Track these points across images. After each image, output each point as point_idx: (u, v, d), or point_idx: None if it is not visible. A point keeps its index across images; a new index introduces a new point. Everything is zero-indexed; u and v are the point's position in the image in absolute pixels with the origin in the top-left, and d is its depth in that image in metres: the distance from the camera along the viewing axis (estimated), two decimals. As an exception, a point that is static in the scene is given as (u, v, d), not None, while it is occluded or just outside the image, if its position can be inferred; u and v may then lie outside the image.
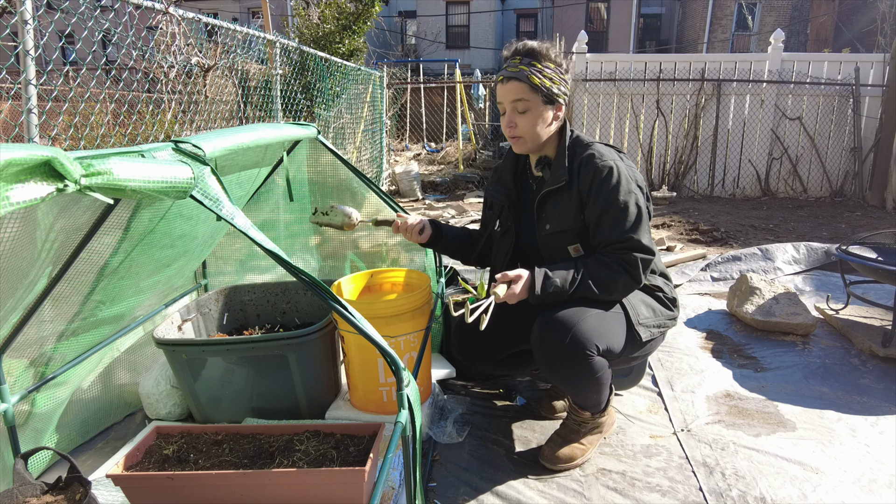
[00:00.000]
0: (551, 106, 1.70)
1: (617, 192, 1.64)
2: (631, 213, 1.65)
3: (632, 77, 7.24)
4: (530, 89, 1.66)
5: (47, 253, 1.15)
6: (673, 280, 1.99)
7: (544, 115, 1.70)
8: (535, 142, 1.74)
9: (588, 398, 1.77)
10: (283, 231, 2.57)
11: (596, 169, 1.66)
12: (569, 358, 1.62)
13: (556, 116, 1.72)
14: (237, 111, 4.53)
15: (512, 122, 1.71)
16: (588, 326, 1.62)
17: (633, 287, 1.69)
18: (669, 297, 1.86)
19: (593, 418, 1.82)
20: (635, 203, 1.66)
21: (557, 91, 1.68)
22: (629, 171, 1.72)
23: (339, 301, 1.14)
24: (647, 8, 20.29)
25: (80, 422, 1.93)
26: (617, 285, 1.66)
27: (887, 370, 2.44)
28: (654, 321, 1.79)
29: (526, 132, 1.71)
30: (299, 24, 7.79)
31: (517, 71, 1.66)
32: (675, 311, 1.88)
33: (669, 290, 1.86)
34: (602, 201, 1.65)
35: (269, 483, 1.39)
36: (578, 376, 1.66)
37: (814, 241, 4.34)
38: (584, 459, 1.81)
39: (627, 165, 1.75)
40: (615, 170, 1.66)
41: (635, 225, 1.65)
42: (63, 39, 2.43)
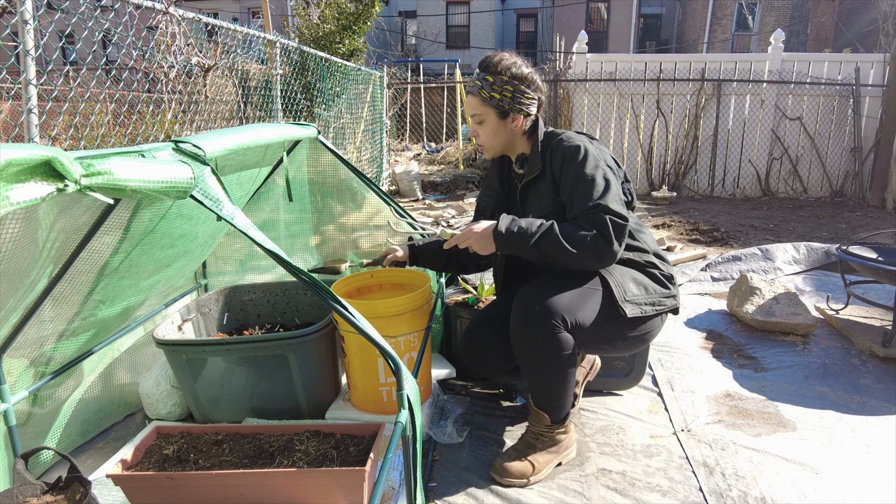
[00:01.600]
0: (506, 117, 1.75)
1: (584, 166, 1.66)
2: (598, 185, 1.63)
3: (632, 77, 7.24)
4: (482, 103, 1.75)
5: (48, 253, 1.15)
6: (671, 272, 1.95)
7: (501, 126, 1.77)
8: (497, 149, 1.83)
9: (549, 391, 1.71)
10: (283, 231, 2.57)
11: (564, 150, 1.71)
12: (534, 327, 1.59)
13: (518, 123, 1.77)
14: (237, 111, 4.53)
15: (474, 132, 1.82)
16: (559, 299, 1.60)
17: (605, 249, 1.56)
18: (665, 275, 1.81)
19: (551, 428, 1.74)
20: (603, 176, 1.64)
21: (510, 105, 1.73)
22: (598, 152, 1.72)
23: (339, 301, 1.14)
24: (648, 8, 20.29)
25: (81, 422, 1.93)
26: (586, 242, 1.56)
27: (887, 370, 2.44)
28: (646, 298, 1.74)
29: (485, 141, 1.82)
30: (299, 24, 7.79)
31: (472, 86, 1.77)
32: (673, 288, 1.81)
33: (665, 268, 1.82)
34: (571, 177, 1.67)
35: (269, 483, 1.39)
36: (541, 352, 1.61)
37: (814, 241, 4.34)
38: (535, 479, 1.71)
39: (597, 148, 1.76)
40: (582, 148, 1.69)
41: (604, 194, 1.61)
42: (63, 39, 2.43)
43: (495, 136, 1.79)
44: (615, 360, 2.25)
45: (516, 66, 1.74)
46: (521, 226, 1.60)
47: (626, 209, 1.65)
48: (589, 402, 2.17)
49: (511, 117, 1.76)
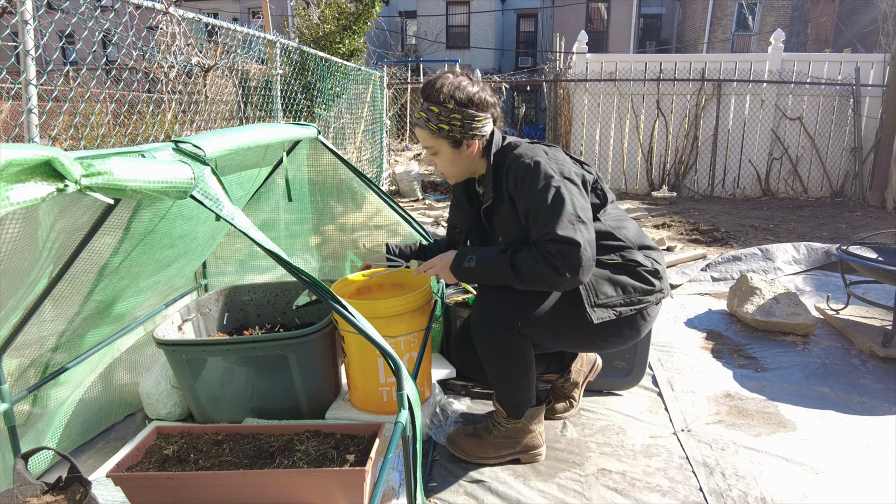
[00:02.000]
0: (460, 146, 1.68)
1: (536, 187, 1.58)
2: (549, 208, 1.55)
3: (632, 77, 7.24)
4: (432, 136, 1.66)
5: (48, 253, 1.16)
6: (667, 269, 1.89)
7: (457, 155, 1.70)
8: (459, 175, 1.77)
9: (500, 385, 1.77)
10: (284, 231, 2.57)
11: (516, 170, 1.62)
12: (481, 329, 1.68)
13: (474, 149, 1.69)
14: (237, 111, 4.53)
15: (431, 162, 1.75)
16: (510, 303, 1.64)
17: (557, 280, 1.53)
18: (650, 270, 1.72)
19: (508, 421, 1.78)
20: (555, 196, 1.55)
21: (462, 133, 1.64)
22: (552, 164, 1.61)
23: (339, 301, 1.15)
24: (648, 8, 20.29)
25: (81, 422, 1.93)
26: (536, 275, 1.54)
27: (887, 370, 2.44)
28: (623, 299, 1.67)
29: (444, 170, 1.75)
30: (299, 25, 7.79)
31: (419, 118, 1.68)
32: (659, 282, 1.73)
33: (650, 263, 1.73)
34: (524, 202, 1.60)
35: (269, 483, 1.39)
36: (487, 351, 1.70)
37: (814, 241, 4.34)
38: (482, 461, 1.78)
39: (552, 158, 1.64)
40: (532, 165, 1.59)
41: (554, 218, 1.53)
42: (63, 39, 2.43)
43: (453, 166, 1.73)
44: (615, 361, 2.25)
45: (460, 91, 1.62)
46: (478, 260, 1.62)
47: (582, 225, 1.55)
48: (589, 402, 2.17)
49: (465, 144, 1.67)
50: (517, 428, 1.79)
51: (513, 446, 1.79)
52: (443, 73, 1.65)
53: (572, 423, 2.04)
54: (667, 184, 7.41)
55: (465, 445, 1.82)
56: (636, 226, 1.81)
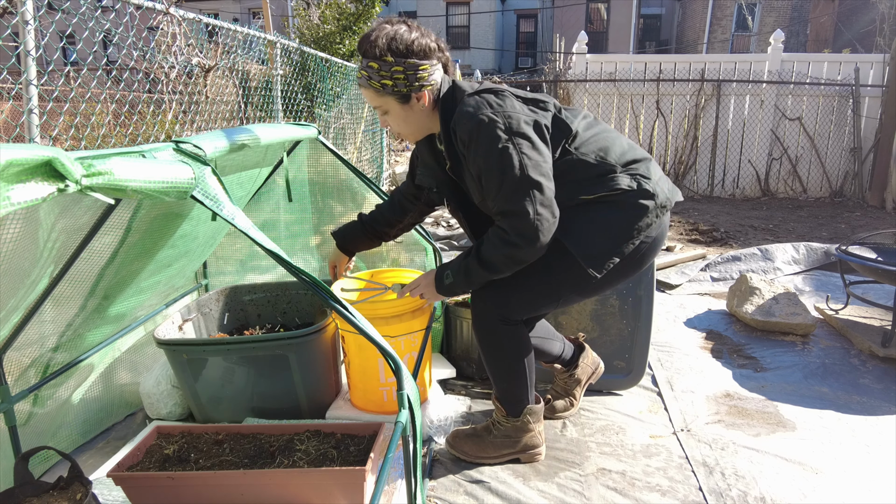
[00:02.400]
0: (409, 100, 1.54)
1: (481, 151, 1.47)
2: (496, 173, 1.45)
3: (632, 77, 7.24)
4: (377, 94, 1.54)
5: (49, 253, 1.16)
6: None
7: (407, 111, 1.57)
8: (416, 133, 1.65)
9: (499, 384, 1.77)
10: (284, 231, 2.57)
11: (461, 133, 1.50)
12: (481, 327, 1.70)
13: (424, 101, 1.55)
14: (238, 111, 4.53)
15: (384, 122, 1.63)
16: (506, 295, 1.63)
17: (521, 254, 1.47)
18: (638, 192, 1.56)
19: (507, 420, 1.78)
20: (501, 159, 1.44)
21: (407, 87, 1.50)
22: (497, 120, 1.46)
23: (339, 301, 1.15)
24: (647, 8, 20.30)
25: (82, 421, 1.93)
26: (501, 260, 1.50)
27: (887, 370, 2.44)
28: (619, 239, 1.56)
29: (399, 130, 1.63)
30: (300, 25, 7.79)
31: (360, 77, 1.54)
32: (651, 201, 1.57)
33: (637, 182, 1.57)
34: (474, 165, 1.51)
35: (269, 483, 1.39)
36: (487, 348, 1.71)
37: (813, 241, 4.35)
38: (481, 461, 1.79)
39: (499, 111, 1.48)
40: (476, 127, 1.46)
41: (502, 185, 1.45)
42: (64, 40, 2.43)
43: (406, 123, 1.59)
44: (615, 361, 2.26)
45: (398, 41, 1.47)
46: (453, 274, 1.60)
47: (535, 187, 1.43)
48: (589, 402, 2.17)
49: (414, 97, 1.53)
50: (516, 427, 1.79)
51: (512, 446, 1.79)
52: (378, 25, 1.51)
53: (572, 423, 2.04)
54: (667, 184, 7.42)
55: (465, 446, 1.82)
56: (614, 137, 1.65)
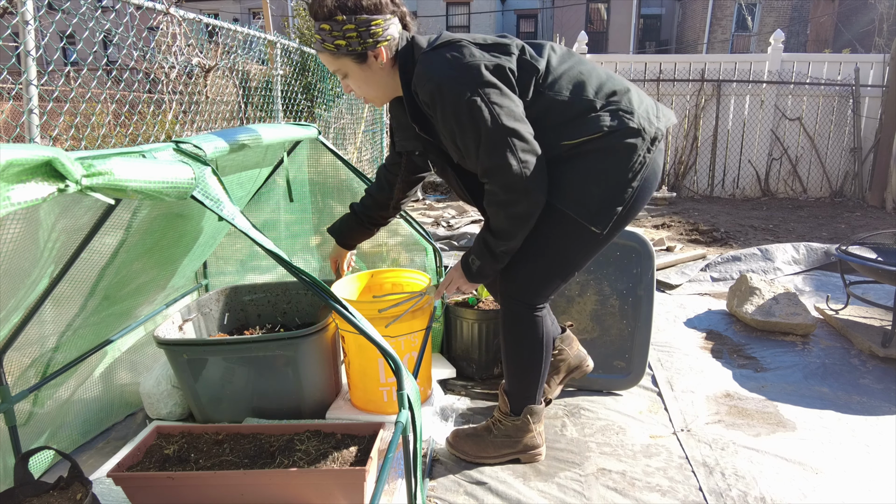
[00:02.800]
0: (366, 59, 1.48)
1: (448, 112, 1.41)
2: (469, 132, 1.40)
3: (632, 77, 7.24)
4: (333, 57, 1.48)
5: (49, 253, 1.16)
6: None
7: (366, 71, 1.50)
8: (382, 95, 1.59)
9: (511, 373, 1.75)
10: (284, 231, 2.57)
11: (423, 95, 1.44)
12: (509, 315, 1.69)
13: (379, 57, 1.49)
14: (238, 112, 4.53)
15: (347, 87, 1.57)
16: (512, 286, 1.64)
17: (521, 209, 1.43)
18: (622, 131, 1.47)
19: (508, 418, 1.78)
20: (470, 116, 1.38)
21: (361, 45, 1.44)
22: (458, 76, 1.40)
23: (339, 301, 1.15)
24: (647, 8, 20.30)
25: (82, 422, 1.93)
26: (506, 224, 1.46)
27: (887, 370, 2.44)
28: (615, 187, 1.50)
29: (363, 93, 1.57)
30: (300, 25, 7.79)
31: (316, 43, 1.49)
32: (638, 140, 1.48)
33: (618, 120, 1.48)
34: (444, 127, 1.46)
35: (269, 483, 1.39)
36: (512, 336, 1.71)
37: (813, 241, 4.35)
38: (482, 461, 1.79)
39: (456, 65, 1.41)
40: (437, 88, 1.41)
41: (478, 143, 1.40)
42: (64, 40, 2.43)
43: (369, 85, 1.53)
44: (615, 361, 2.26)
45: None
46: (476, 256, 1.59)
47: (512, 135, 1.39)
48: (589, 402, 2.18)
49: (371, 55, 1.47)
50: (517, 427, 1.78)
51: (512, 446, 1.79)
52: None
53: (572, 423, 2.04)
54: (666, 184, 7.41)
55: (465, 446, 1.82)
56: (590, 69, 1.56)
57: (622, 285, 2.22)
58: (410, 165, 1.81)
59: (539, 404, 1.81)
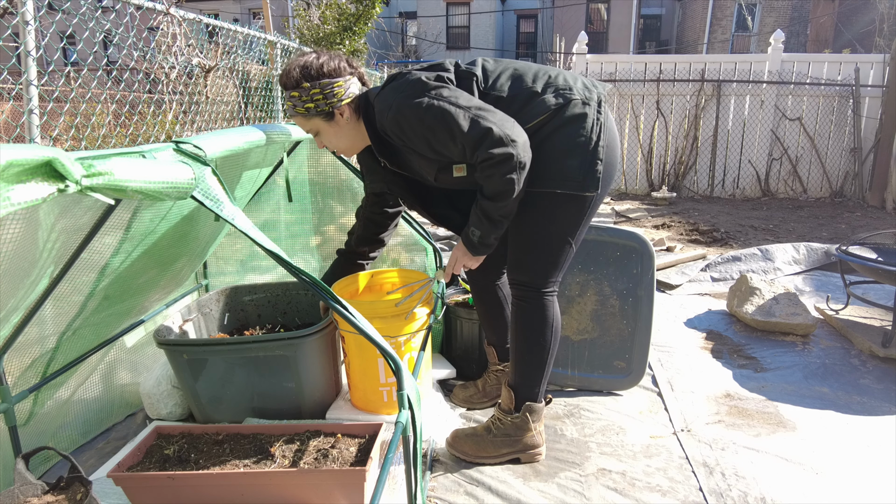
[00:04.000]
0: (333, 117, 1.65)
1: (419, 129, 1.54)
2: (444, 131, 1.50)
3: (632, 78, 7.24)
4: (305, 119, 1.66)
5: (49, 253, 1.16)
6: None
7: (335, 127, 1.67)
8: (353, 146, 1.75)
9: (518, 364, 1.79)
10: (284, 231, 2.58)
11: (392, 129, 1.58)
12: (516, 308, 1.77)
13: (346, 114, 1.66)
14: (238, 112, 4.53)
15: (321, 144, 1.74)
16: (520, 274, 1.73)
17: (509, 165, 1.50)
18: (568, 105, 1.59)
19: (507, 416, 1.80)
20: (438, 118, 1.50)
21: (328, 105, 1.62)
22: (410, 97, 1.54)
23: (339, 301, 1.15)
24: (647, 9, 20.30)
25: (82, 422, 1.93)
26: (499, 183, 1.52)
27: (887, 370, 2.44)
28: (585, 148, 1.59)
29: (336, 146, 1.73)
30: (300, 25, 7.80)
31: (287, 109, 1.69)
32: (584, 107, 1.60)
33: (563, 99, 1.60)
34: (422, 146, 1.57)
35: (269, 483, 1.39)
36: (518, 325, 1.76)
37: (814, 241, 4.35)
38: (482, 461, 1.80)
39: (402, 90, 1.56)
40: (399, 115, 1.54)
41: (456, 134, 1.50)
42: (64, 40, 2.43)
43: (339, 138, 1.70)
44: (615, 361, 2.26)
45: (307, 67, 1.60)
46: (474, 225, 1.64)
47: (478, 111, 1.49)
48: (589, 402, 2.18)
49: (337, 113, 1.65)
50: (516, 426, 1.79)
51: (512, 445, 1.79)
52: (291, 60, 1.65)
53: (572, 423, 2.04)
54: (666, 184, 7.41)
55: (465, 446, 1.82)
56: (523, 65, 1.70)
57: (622, 285, 2.22)
58: (385, 202, 2.02)
59: (540, 402, 1.81)
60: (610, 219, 5.82)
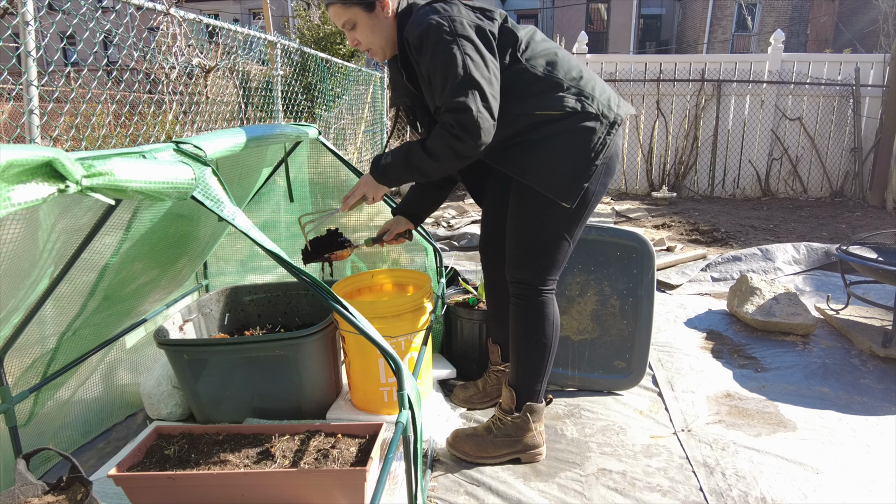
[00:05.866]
0: (374, 8, 1.61)
1: (428, 53, 1.53)
2: (442, 72, 1.50)
3: (632, 78, 7.24)
4: (344, 7, 1.61)
5: (49, 253, 1.16)
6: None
7: (373, 20, 1.63)
8: (386, 45, 1.69)
9: (519, 362, 1.78)
10: (284, 231, 2.58)
11: (411, 39, 1.57)
12: (517, 307, 1.77)
13: (385, 8, 1.62)
14: (238, 112, 4.53)
15: (354, 40, 1.68)
16: (520, 273, 1.73)
17: (460, 147, 1.50)
18: (581, 114, 1.59)
19: (507, 416, 1.80)
20: (447, 60, 1.49)
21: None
22: (444, 24, 1.53)
23: (339, 301, 1.15)
24: (648, 9, 20.29)
25: (82, 422, 1.93)
26: (440, 147, 1.53)
27: (887, 370, 2.44)
28: (579, 164, 1.60)
29: (369, 43, 1.67)
30: (300, 26, 7.80)
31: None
32: (595, 122, 1.60)
33: (581, 106, 1.60)
34: (423, 68, 1.57)
35: (269, 483, 1.39)
36: (519, 323, 1.76)
37: (814, 241, 4.34)
38: (482, 461, 1.80)
39: (446, 16, 1.54)
40: (424, 31, 1.54)
41: (446, 83, 1.50)
42: (64, 40, 2.43)
43: (374, 34, 1.65)
44: (615, 361, 2.25)
45: None
46: (393, 155, 1.64)
47: (477, 88, 1.48)
48: (589, 402, 2.18)
49: (378, 5, 1.61)
50: (517, 426, 1.79)
51: (513, 445, 1.79)
52: None
53: (572, 423, 2.04)
54: (667, 184, 7.41)
55: (465, 446, 1.82)
56: (564, 55, 1.68)
57: (622, 285, 2.22)
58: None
59: (540, 402, 1.81)
60: (610, 219, 5.82)
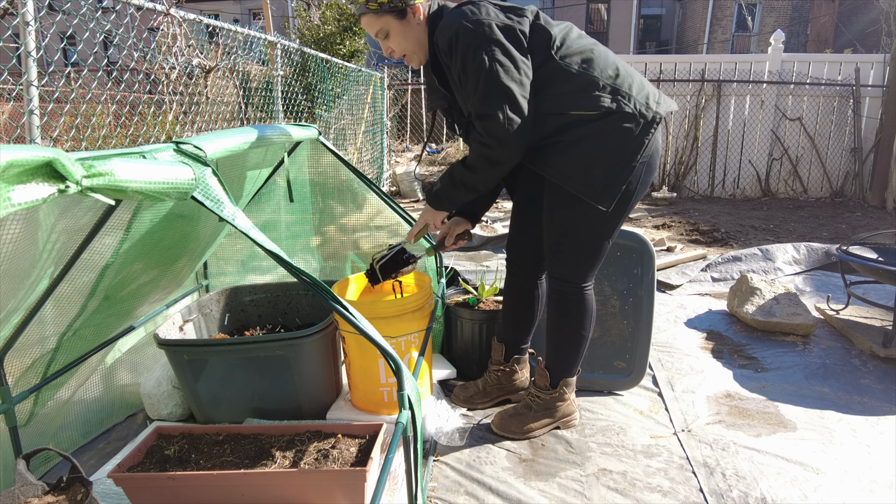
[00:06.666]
0: (405, 16, 1.63)
1: (458, 58, 1.55)
2: (472, 78, 1.52)
3: (632, 78, 7.25)
4: (377, 16, 1.63)
5: (49, 254, 1.16)
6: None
7: (406, 28, 1.65)
8: (419, 51, 1.71)
9: (555, 348, 1.88)
10: (285, 232, 2.57)
11: (441, 44, 1.59)
12: (556, 303, 1.87)
13: (417, 13, 1.64)
14: (238, 112, 4.53)
15: (388, 48, 1.70)
16: (563, 272, 1.80)
17: (491, 153, 1.53)
18: (617, 114, 1.58)
19: (544, 392, 1.91)
20: (476, 64, 1.51)
21: (402, 1, 1.60)
22: (473, 28, 1.54)
23: (339, 301, 1.15)
24: (648, 9, 20.29)
25: (82, 422, 1.93)
26: (476, 158, 1.56)
27: (888, 370, 2.44)
28: (616, 167, 1.60)
29: (404, 49, 1.69)
30: (300, 26, 7.80)
31: (359, 7, 1.65)
32: (636, 126, 1.59)
33: (616, 105, 1.58)
34: (455, 73, 1.60)
35: (270, 483, 1.39)
36: (556, 316, 1.86)
37: (814, 241, 4.34)
38: (533, 434, 1.92)
39: (474, 20, 1.55)
40: (453, 36, 1.55)
41: (475, 89, 1.52)
42: (65, 41, 2.43)
43: (407, 41, 1.67)
44: (615, 361, 2.25)
45: None
46: (440, 180, 1.71)
47: (505, 91, 1.48)
48: (589, 403, 2.17)
49: (410, 12, 1.63)
50: (553, 397, 1.92)
51: (552, 415, 1.93)
52: None
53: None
54: (667, 184, 7.41)
55: (511, 425, 1.93)
56: (601, 51, 1.67)
57: (623, 285, 2.22)
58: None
59: (573, 377, 1.93)
60: (610, 219, 5.81)
